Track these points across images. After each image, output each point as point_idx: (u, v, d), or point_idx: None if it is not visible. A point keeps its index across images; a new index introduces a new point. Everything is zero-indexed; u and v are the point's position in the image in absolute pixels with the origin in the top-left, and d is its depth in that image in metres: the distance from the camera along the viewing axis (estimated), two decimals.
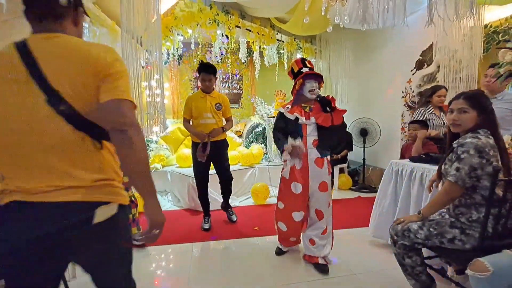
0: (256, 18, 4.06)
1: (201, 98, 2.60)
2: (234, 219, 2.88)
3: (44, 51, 0.77)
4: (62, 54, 0.77)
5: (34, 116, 0.76)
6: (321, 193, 1.91)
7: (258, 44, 4.25)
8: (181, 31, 3.57)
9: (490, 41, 3.08)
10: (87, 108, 0.79)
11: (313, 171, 1.89)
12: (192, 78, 5.69)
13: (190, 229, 2.71)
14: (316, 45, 5.02)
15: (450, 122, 1.41)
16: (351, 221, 2.86)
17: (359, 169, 4.44)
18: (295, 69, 2.00)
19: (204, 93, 2.61)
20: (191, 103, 2.59)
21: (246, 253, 2.26)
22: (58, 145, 0.78)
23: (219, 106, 2.62)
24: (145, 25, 2.81)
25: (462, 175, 1.28)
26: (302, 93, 1.94)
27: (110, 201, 0.83)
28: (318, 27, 3.96)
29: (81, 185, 0.79)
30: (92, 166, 0.81)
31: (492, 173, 1.19)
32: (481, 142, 1.26)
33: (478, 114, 1.33)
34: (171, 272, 2.01)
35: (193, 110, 2.58)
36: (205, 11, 3.50)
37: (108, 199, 0.82)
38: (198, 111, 2.55)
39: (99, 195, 0.81)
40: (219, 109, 2.62)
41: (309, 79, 1.91)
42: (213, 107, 2.59)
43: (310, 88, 1.89)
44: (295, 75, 1.99)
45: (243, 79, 6.00)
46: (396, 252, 1.48)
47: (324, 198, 1.94)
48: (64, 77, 0.76)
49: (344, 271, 1.94)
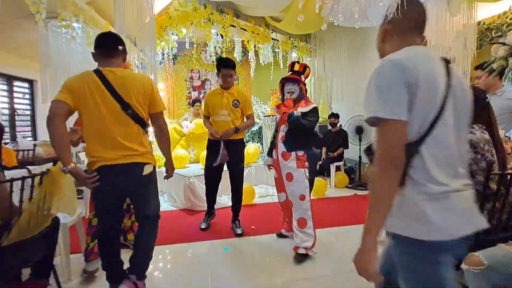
0: (251, 17, 4.06)
1: (218, 94, 2.52)
2: (239, 232, 2.55)
3: (114, 79, 1.44)
4: (126, 81, 1.46)
5: (114, 115, 1.43)
6: (288, 182, 2.15)
7: (253, 43, 4.24)
8: (175, 31, 3.55)
9: (484, 38, 3.10)
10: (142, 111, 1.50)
11: (281, 162, 2.18)
12: (187, 78, 5.67)
13: (187, 229, 2.70)
14: (311, 44, 5.02)
15: None
16: (348, 219, 2.87)
17: (355, 167, 4.46)
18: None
19: (222, 89, 2.52)
20: (209, 100, 2.56)
21: (245, 251, 2.26)
22: (125, 132, 1.46)
23: (237, 103, 2.50)
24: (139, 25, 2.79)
25: None
26: (284, 96, 2.26)
27: (150, 163, 1.56)
28: (313, 25, 3.97)
29: (135, 154, 1.48)
30: (141, 143, 1.51)
31: (486, 168, 1.20)
32: (475, 137, 1.27)
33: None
34: (168, 272, 1.99)
35: (209, 106, 2.53)
36: (200, 11, 3.49)
37: (148, 161, 1.55)
38: (214, 107, 2.49)
39: (144, 159, 1.52)
40: (236, 106, 2.49)
41: (286, 82, 2.21)
42: (230, 104, 2.48)
43: (289, 90, 2.17)
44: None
45: (238, 79, 5.99)
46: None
47: (291, 187, 2.12)
48: (131, 95, 1.46)
49: (342, 268, 1.94)
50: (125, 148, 1.44)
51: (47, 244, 1.51)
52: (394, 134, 0.72)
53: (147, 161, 1.53)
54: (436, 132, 0.74)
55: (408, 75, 0.71)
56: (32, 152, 2.77)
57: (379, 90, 0.73)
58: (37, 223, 1.35)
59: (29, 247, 1.37)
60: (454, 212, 0.73)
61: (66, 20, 2.49)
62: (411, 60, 0.74)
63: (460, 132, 0.80)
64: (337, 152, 4.30)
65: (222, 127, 2.47)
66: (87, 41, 2.77)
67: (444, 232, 0.72)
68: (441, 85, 0.75)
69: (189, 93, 5.65)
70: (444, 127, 0.75)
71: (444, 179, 0.74)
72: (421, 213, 0.73)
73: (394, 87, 0.72)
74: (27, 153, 2.71)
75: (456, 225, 0.73)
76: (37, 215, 1.35)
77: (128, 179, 1.47)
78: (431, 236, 0.72)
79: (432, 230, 0.72)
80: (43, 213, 1.38)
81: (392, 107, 0.71)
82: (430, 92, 0.73)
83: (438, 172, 0.74)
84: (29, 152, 2.74)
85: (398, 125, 0.72)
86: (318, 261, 2.06)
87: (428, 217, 0.72)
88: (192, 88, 5.69)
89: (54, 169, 1.42)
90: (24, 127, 3.89)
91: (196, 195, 3.24)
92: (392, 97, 0.72)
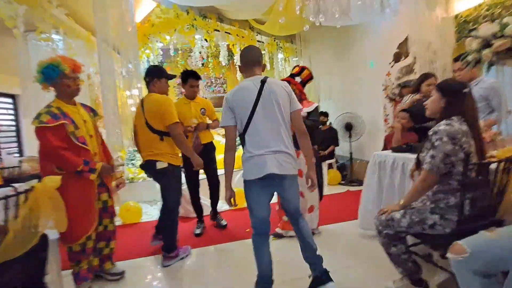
0: (234, 20, 4.08)
1: (185, 104, 2.65)
2: (224, 223, 2.85)
3: (145, 102, 2.12)
4: (147, 102, 2.11)
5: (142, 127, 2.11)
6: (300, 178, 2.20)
7: (238, 46, 4.26)
8: (159, 38, 3.54)
9: (462, 31, 3.18)
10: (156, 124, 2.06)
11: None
12: (175, 85, 5.64)
13: (182, 236, 2.68)
14: (297, 45, 5.07)
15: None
16: (340, 215, 2.90)
17: (347, 163, 4.51)
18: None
19: (188, 99, 2.67)
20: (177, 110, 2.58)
21: (242, 254, 2.26)
22: (148, 140, 2.09)
23: (204, 111, 2.72)
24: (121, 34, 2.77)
25: (436, 162, 1.32)
26: None
27: (162, 160, 2.07)
28: (295, 26, 4.01)
29: (155, 153, 2.07)
30: (156, 147, 2.07)
31: (464, 158, 1.23)
32: (453, 129, 1.30)
33: (441, 96, 1.38)
34: (163, 280, 1.98)
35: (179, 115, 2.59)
36: (182, 17, 3.49)
37: (162, 159, 2.07)
38: (183, 117, 2.57)
39: (157, 158, 2.07)
40: (204, 114, 2.71)
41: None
42: (198, 112, 2.67)
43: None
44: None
45: (227, 82, 6.00)
46: (381, 242, 1.52)
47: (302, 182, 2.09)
48: (148, 113, 2.07)
49: (335, 265, 1.96)
50: (146, 150, 2.11)
51: (36, 262, 1.48)
52: (229, 134, 1.57)
53: (160, 159, 2.06)
54: (250, 127, 1.50)
55: (229, 103, 1.53)
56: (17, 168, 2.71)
57: (222, 112, 1.56)
58: (23, 242, 1.33)
59: (17, 266, 1.35)
60: (253, 166, 1.50)
61: (46, 33, 2.46)
62: (231, 94, 1.56)
63: (271, 119, 1.51)
64: (328, 150, 4.34)
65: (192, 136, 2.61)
66: (69, 52, 2.74)
67: (249, 175, 1.52)
68: (250, 102, 1.49)
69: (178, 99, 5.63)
70: (254, 123, 1.50)
71: (252, 150, 1.50)
72: (244, 167, 1.56)
73: (224, 110, 1.55)
74: (12, 170, 2.65)
75: (253, 172, 1.50)
76: (23, 233, 1.32)
77: (150, 171, 2.17)
78: (245, 177, 1.55)
79: (245, 174, 1.55)
80: (30, 231, 1.36)
81: (225, 120, 1.55)
82: (242, 108, 1.51)
83: (250, 146, 1.52)
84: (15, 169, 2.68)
85: (231, 129, 1.56)
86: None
87: (244, 168, 1.55)
88: (181, 95, 5.67)
89: (40, 186, 1.40)
90: (9, 143, 3.80)
91: (189, 202, 3.22)
92: (225, 115, 1.55)
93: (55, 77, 1.68)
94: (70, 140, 1.68)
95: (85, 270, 1.79)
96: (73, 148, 1.69)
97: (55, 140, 1.62)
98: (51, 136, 1.61)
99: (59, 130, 1.64)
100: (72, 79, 1.75)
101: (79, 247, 1.76)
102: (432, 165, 1.33)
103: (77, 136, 1.71)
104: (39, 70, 1.68)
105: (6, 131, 3.78)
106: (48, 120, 1.62)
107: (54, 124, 1.62)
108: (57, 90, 1.75)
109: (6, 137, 3.77)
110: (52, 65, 1.67)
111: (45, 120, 1.61)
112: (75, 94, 1.81)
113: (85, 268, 1.79)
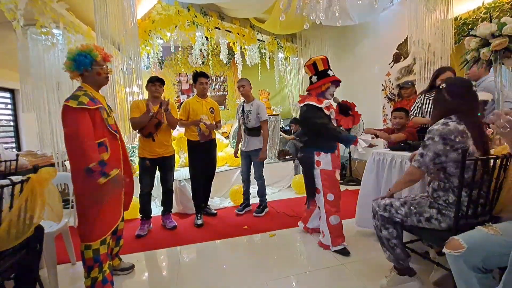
0: (235, 18, 4.08)
1: (198, 102, 2.93)
2: (214, 211, 3.13)
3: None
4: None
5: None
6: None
7: (239, 44, 4.26)
8: (159, 35, 3.54)
9: (461, 33, 3.20)
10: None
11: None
12: (175, 82, 5.64)
13: (180, 232, 2.67)
14: (297, 44, 5.07)
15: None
16: None
17: (346, 163, 4.51)
18: (320, 67, 2.09)
19: (200, 98, 2.95)
20: (189, 106, 2.89)
21: (237, 250, 2.26)
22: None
23: (212, 110, 3.00)
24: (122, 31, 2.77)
25: (425, 161, 1.33)
26: (323, 94, 2.10)
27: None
28: (296, 25, 4.01)
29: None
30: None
31: (461, 155, 1.23)
32: (447, 129, 1.28)
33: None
34: (162, 276, 1.97)
35: (190, 112, 2.89)
36: (183, 14, 3.49)
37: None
38: (195, 113, 2.87)
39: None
40: (212, 113, 3.00)
41: (335, 85, 2.12)
42: (208, 111, 2.95)
43: (332, 92, 2.11)
44: (319, 73, 2.09)
45: (227, 81, 5.99)
46: (375, 225, 1.54)
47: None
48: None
49: (332, 262, 1.96)
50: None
51: (30, 254, 1.47)
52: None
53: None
54: None
55: None
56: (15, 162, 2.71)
57: None
58: (18, 233, 1.32)
59: (10, 258, 1.34)
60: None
61: (45, 26, 2.45)
62: None
63: None
64: None
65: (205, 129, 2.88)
66: (68, 47, 2.73)
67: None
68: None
69: (177, 97, 5.62)
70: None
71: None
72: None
73: None
74: (9, 163, 2.64)
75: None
76: (17, 224, 1.31)
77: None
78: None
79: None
80: (24, 222, 1.35)
81: None
82: None
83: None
84: (12, 162, 2.67)
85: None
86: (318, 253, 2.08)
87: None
88: (180, 92, 5.66)
89: (35, 177, 1.39)
90: (7, 138, 3.79)
91: (188, 198, 3.22)
92: None
93: (88, 63, 1.60)
94: (105, 126, 1.62)
95: (109, 273, 1.64)
96: (108, 135, 1.63)
97: (85, 127, 1.49)
98: (82, 120, 1.49)
99: (96, 114, 1.57)
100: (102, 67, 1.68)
101: (104, 250, 1.60)
102: (420, 163, 1.36)
103: (110, 124, 1.66)
104: (71, 57, 1.59)
105: (5, 126, 3.77)
106: (88, 102, 1.52)
107: (94, 107, 1.55)
108: (86, 79, 1.64)
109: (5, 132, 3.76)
110: (85, 52, 1.60)
111: (85, 102, 1.51)
112: (104, 83, 1.72)
113: (108, 271, 1.63)
